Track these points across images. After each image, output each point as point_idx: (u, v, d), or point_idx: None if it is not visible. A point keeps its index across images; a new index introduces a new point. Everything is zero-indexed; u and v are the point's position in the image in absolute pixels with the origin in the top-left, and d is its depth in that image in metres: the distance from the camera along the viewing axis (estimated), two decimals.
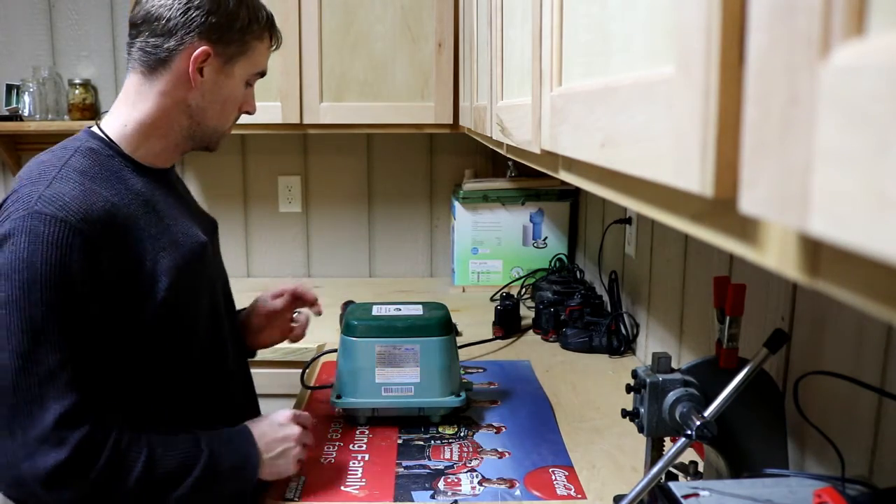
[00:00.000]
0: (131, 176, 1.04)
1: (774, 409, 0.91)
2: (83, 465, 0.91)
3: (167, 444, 0.98)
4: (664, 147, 0.41)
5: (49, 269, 0.89)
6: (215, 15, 1.04)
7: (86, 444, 0.90)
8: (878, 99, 0.23)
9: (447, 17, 2.05)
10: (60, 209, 0.91)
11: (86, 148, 1.03)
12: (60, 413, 0.89)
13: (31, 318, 0.89)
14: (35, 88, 2.40)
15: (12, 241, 0.90)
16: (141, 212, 1.02)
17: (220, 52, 1.06)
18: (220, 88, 1.08)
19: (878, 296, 0.26)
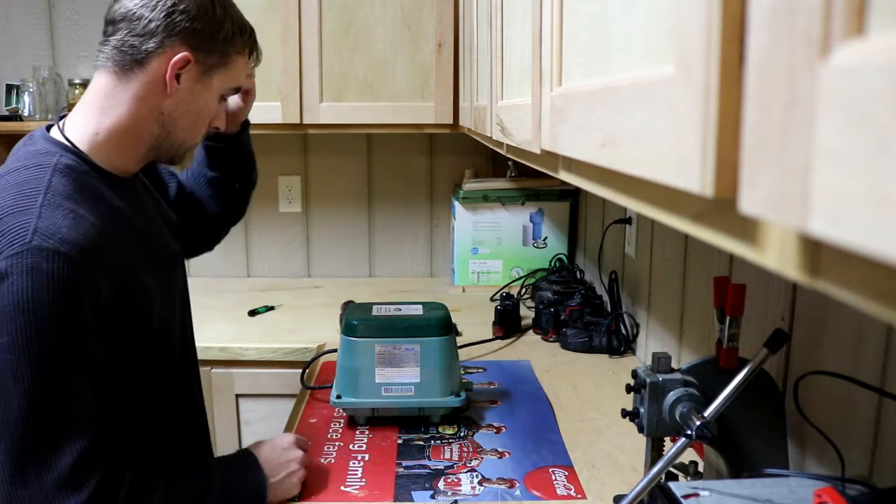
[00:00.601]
0: (107, 191, 0.98)
1: (774, 409, 0.92)
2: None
3: (181, 479, 0.97)
4: (664, 147, 0.41)
5: (58, 310, 0.84)
6: (200, 22, 0.99)
7: (104, 486, 0.87)
8: (878, 99, 0.23)
9: (447, 17, 2.05)
10: (61, 243, 0.85)
11: (63, 165, 0.94)
12: (77, 456, 0.85)
13: (39, 361, 0.84)
14: (35, 88, 2.40)
15: (12, 281, 0.83)
16: (122, 230, 0.98)
17: (201, 61, 1.00)
18: (196, 98, 1.02)
19: (878, 296, 0.26)
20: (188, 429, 1.16)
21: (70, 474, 0.85)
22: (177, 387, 1.12)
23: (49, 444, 0.84)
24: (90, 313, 0.88)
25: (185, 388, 1.15)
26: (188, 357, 1.17)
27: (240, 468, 1.04)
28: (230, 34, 1.03)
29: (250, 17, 1.12)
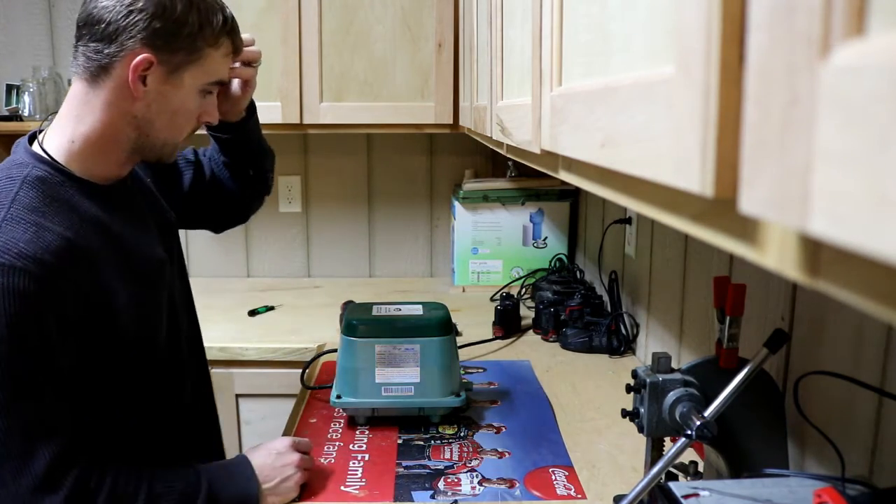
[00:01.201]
0: (83, 201, 0.96)
1: (774, 409, 0.92)
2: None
3: (166, 482, 0.97)
4: (664, 147, 0.41)
5: (14, 323, 0.84)
6: (160, 20, 0.94)
7: (81, 486, 0.89)
8: (878, 99, 0.23)
9: (447, 17, 2.05)
10: (17, 258, 0.85)
11: (33, 177, 0.93)
12: (50, 458, 0.87)
13: (2, 374, 0.85)
14: (35, 88, 2.40)
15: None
16: (97, 241, 0.96)
17: (165, 60, 0.96)
18: (168, 99, 0.98)
19: (878, 296, 0.26)
20: (182, 432, 1.14)
21: (44, 478, 0.86)
22: (164, 391, 1.09)
23: (21, 451, 0.86)
24: (53, 325, 0.88)
25: (173, 393, 1.12)
26: (178, 360, 1.13)
27: (230, 473, 1.04)
28: (196, 28, 0.97)
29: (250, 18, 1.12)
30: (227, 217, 1.39)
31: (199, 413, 1.23)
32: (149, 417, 1.07)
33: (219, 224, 1.40)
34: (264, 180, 1.37)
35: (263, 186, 1.38)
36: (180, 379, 1.14)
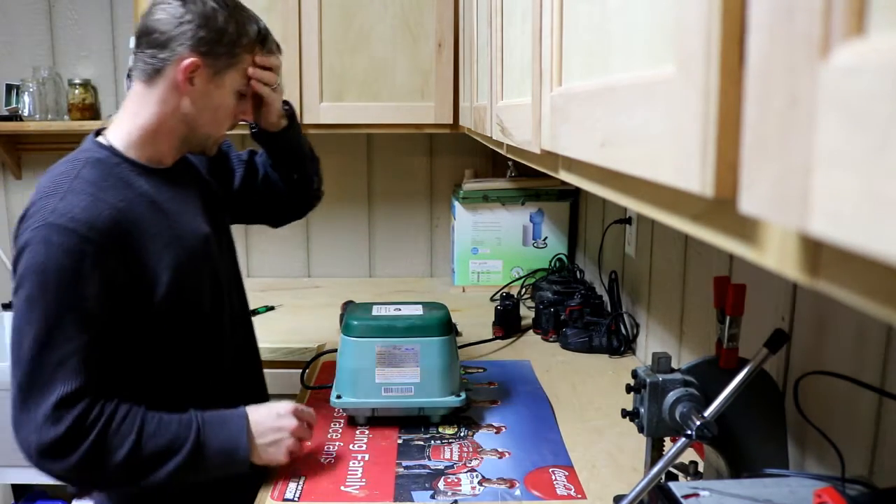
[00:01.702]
0: (137, 179, 1.13)
1: (774, 409, 0.92)
2: (73, 443, 1.01)
3: (160, 425, 1.06)
4: (664, 147, 0.41)
5: (60, 274, 1.00)
6: (204, 29, 1.10)
7: (79, 422, 1.01)
8: (878, 99, 0.23)
9: (447, 17, 2.05)
10: (71, 221, 1.01)
11: (94, 159, 1.11)
12: (61, 396, 1.00)
13: (46, 314, 1.00)
14: (35, 88, 2.40)
15: (30, 249, 1.01)
16: (147, 212, 1.11)
17: (210, 64, 1.12)
18: (211, 97, 1.14)
19: (878, 296, 0.26)
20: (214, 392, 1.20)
21: (53, 410, 1.00)
22: (203, 359, 1.20)
23: (44, 383, 1.00)
24: (97, 282, 1.02)
25: (212, 362, 1.22)
26: (219, 331, 1.23)
27: (224, 422, 1.10)
28: (235, 37, 1.13)
29: None
30: (281, 214, 1.53)
31: (242, 385, 1.30)
32: (185, 382, 1.17)
33: (275, 220, 1.55)
34: (309, 183, 1.48)
35: (309, 189, 1.49)
36: (219, 349, 1.23)
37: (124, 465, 1.03)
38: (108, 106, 2.51)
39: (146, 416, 1.06)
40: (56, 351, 1.01)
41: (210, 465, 1.07)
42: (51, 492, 2.49)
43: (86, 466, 1.02)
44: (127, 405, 1.05)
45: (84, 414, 1.01)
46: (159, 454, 1.05)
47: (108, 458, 1.02)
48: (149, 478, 1.05)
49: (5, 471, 2.23)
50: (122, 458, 1.02)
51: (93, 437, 1.01)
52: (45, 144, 2.50)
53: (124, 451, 1.03)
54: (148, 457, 1.04)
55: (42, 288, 1.00)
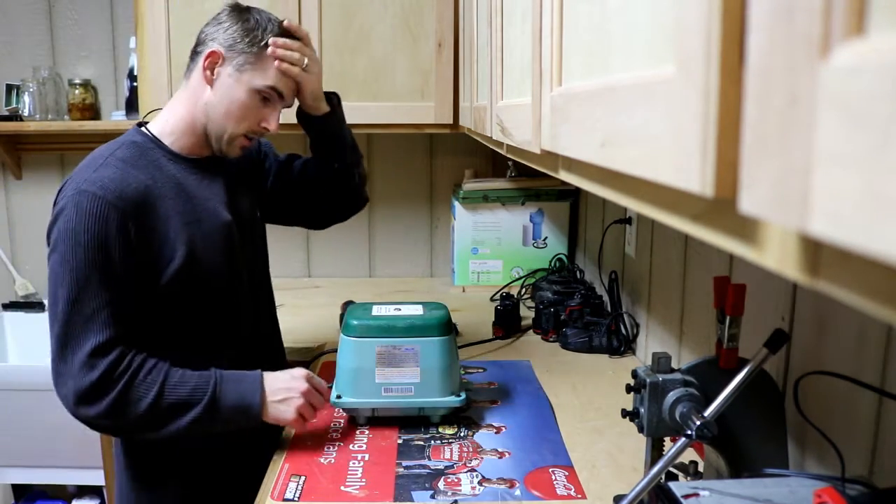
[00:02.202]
0: (167, 163, 1.24)
1: (774, 409, 0.91)
2: (105, 388, 1.11)
3: (181, 379, 1.15)
4: (664, 147, 0.41)
5: (90, 236, 1.11)
6: (230, 29, 1.23)
7: (110, 370, 1.11)
8: (878, 99, 0.23)
9: (447, 17, 2.05)
10: (100, 189, 1.13)
11: (130, 141, 1.24)
12: (95, 345, 1.11)
13: (77, 273, 1.11)
14: (35, 88, 2.40)
15: (64, 214, 1.13)
16: (172, 192, 1.21)
17: (231, 58, 1.22)
18: (229, 90, 1.23)
19: (878, 296, 0.26)
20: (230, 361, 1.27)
21: (88, 358, 1.11)
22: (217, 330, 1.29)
23: (79, 334, 1.11)
24: (118, 244, 1.12)
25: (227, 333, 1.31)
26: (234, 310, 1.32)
27: (240, 380, 1.18)
28: (258, 38, 1.23)
29: None
30: (322, 214, 1.59)
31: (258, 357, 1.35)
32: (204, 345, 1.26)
33: (316, 220, 1.64)
34: (350, 177, 1.50)
35: (350, 183, 1.50)
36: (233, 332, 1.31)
37: (147, 413, 1.12)
38: (108, 106, 2.51)
39: (170, 370, 1.15)
40: (86, 306, 1.11)
41: (224, 419, 1.16)
42: (51, 492, 2.49)
43: (114, 412, 1.12)
44: (154, 360, 1.15)
45: (115, 363, 1.11)
46: (179, 405, 1.14)
47: (134, 405, 1.12)
48: (169, 427, 1.14)
49: (5, 471, 2.23)
50: (145, 406, 1.12)
51: (121, 385, 1.11)
52: (45, 144, 2.50)
53: (148, 400, 1.12)
54: (168, 407, 1.13)
55: (73, 249, 1.11)
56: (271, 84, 1.25)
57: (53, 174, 2.55)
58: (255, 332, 1.38)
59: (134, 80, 2.31)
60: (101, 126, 2.37)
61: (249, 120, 1.25)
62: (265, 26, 1.25)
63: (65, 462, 2.16)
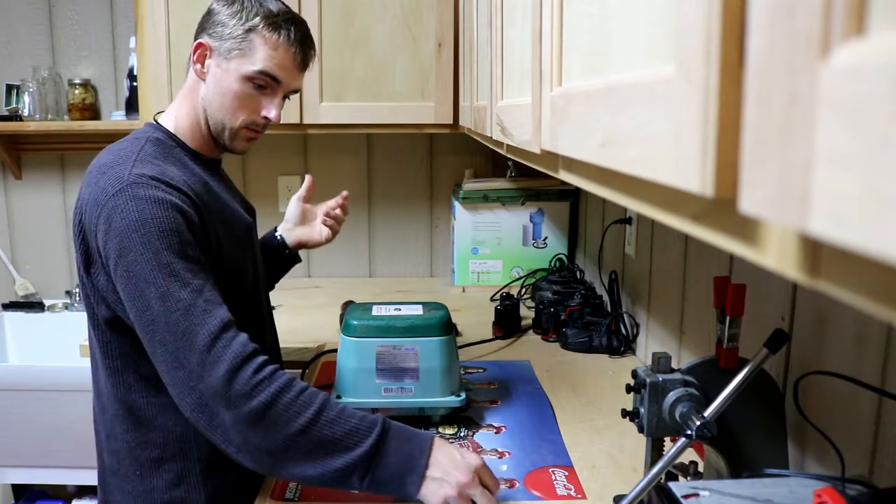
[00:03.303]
0: (190, 162, 1.19)
1: (774, 409, 0.92)
2: (243, 379, 0.94)
3: (341, 413, 0.97)
4: (664, 147, 0.41)
5: (158, 220, 1.01)
6: (218, 14, 1.16)
7: (241, 363, 0.96)
8: (878, 99, 0.23)
9: (447, 17, 2.05)
10: (150, 179, 1.05)
11: (154, 138, 1.17)
12: (210, 334, 0.97)
13: (158, 263, 1.00)
14: (35, 88, 2.40)
15: (120, 210, 1.02)
16: (203, 190, 1.15)
17: (216, 47, 1.16)
18: (219, 81, 1.16)
19: (878, 296, 0.26)
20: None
21: (208, 350, 0.96)
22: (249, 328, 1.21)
23: (186, 331, 0.97)
24: (186, 226, 1.04)
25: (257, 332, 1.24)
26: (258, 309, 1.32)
27: (410, 438, 0.99)
28: (242, 20, 1.15)
29: None
30: None
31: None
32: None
33: None
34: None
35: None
36: (261, 333, 1.30)
37: (291, 442, 0.93)
38: (108, 106, 2.51)
39: (328, 399, 0.98)
40: (180, 297, 0.98)
41: (378, 477, 0.95)
42: (51, 492, 2.50)
43: (256, 420, 0.93)
44: (304, 383, 0.99)
45: (251, 356, 0.97)
46: (331, 444, 0.94)
47: (278, 425, 0.93)
48: (307, 467, 0.94)
49: (5, 471, 2.23)
50: (292, 431, 0.93)
51: (266, 394, 0.94)
52: (45, 144, 2.50)
53: (297, 425, 0.93)
54: (318, 442, 0.94)
55: (145, 241, 1.00)
56: (260, 69, 1.15)
57: (53, 174, 2.55)
58: (272, 336, 1.39)
59: (134, 80, 2.31)
60: (101, 126, 2.37)
61: (247, 111, 1.18)
62: (250, 8, 1.16)
63: (65, 462, 2.16)
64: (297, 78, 1.21)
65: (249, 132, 1.21)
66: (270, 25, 1.15)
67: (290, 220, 1.56)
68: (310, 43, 1.21)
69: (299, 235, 1.55)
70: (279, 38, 1.16)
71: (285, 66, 1.17)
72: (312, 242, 1.56)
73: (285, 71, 1.18)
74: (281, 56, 1.16)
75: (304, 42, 1.19)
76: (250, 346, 0.99)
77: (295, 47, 1.18)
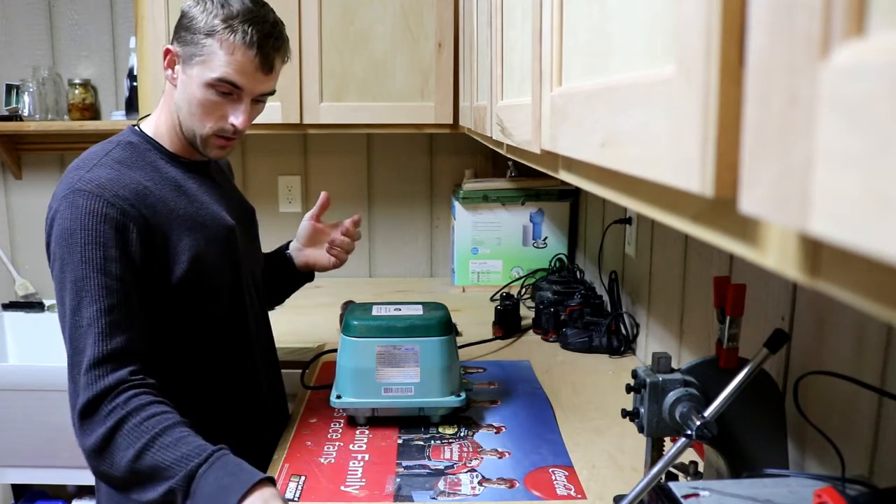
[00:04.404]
0: (165, 165, 1.18)
1: (774, 409, 0.91)
2: (99, 411, 0.99)
3: (178, 440, 0.98)
4: (664, 147, 0.41)
5: (86, 234, 1.04)
6: (184, 18, 1.14)
7: (106, 393, 1.00)
8: (878, 99, 0.23)
9: (447, 17, 2.05)
10: (97, 187, 1.06)
11: (126, 141, 1.18)
12: (93, 359, 1.01)
13: (75, 275, 1.03)
14: (35, 88, 2.40)
15: (60, 215, 1.06)
16: (173, 194, 1.15)
17: (182, 53, 1.14)
18: (186, 88, 1.15)
19: (878, 296, 0.26)
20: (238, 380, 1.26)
21: (86, 373, 1.01)
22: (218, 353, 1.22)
23: (82, 349, 1.02)
24: (116, 244, 1.05)
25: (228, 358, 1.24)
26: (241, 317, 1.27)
27: (235, 472, 0.97)
28: (201, 25, 1.11)
29: None
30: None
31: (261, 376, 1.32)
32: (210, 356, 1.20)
33: None
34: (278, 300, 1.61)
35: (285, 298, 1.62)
36: (242, 342, 1.27)
37: (129, 468, 0.97)
38: (108, 106, 2.51)
39: (173, 426, 0.99)
40: (85, 314, 1.03)
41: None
42: (51, 492, 2.49)
43: (100, 450, 0.99)
44: (164, 407, 1.01)
45: (113, 388, 1.00)
46: (156, 472, 0.97)
47: (120, 452, 0.98)
48: (143, 494, 0.98)
49: (5, 471, 2.23)
50: (129, 458, 0.97)
51: (114, 420, 0.98)
52: (45, 144, 2.50)
53: (133, 450, 0.97)
54: (147, 470, 0.97)
55: (70, 251, 1.04)
56: (218, 76, 1.10)
57: (53, 174, 2.55)
58: (259, 338, 1.34)
59: (134, 80, 2.31)
60: (101, 126, 2.37)
61: (213, 118, 1.14)
62: (212, 10, 1.10)
63: (65, 462, 2.16)
64: (262, 82, 1.14)
65: (220, 140, 1.17)
66: (227, 28, 1.09)
67: (300, 238, 1.52)
68: (274, 43, 1.13)
69: (308, 256, 1.53)
70: (236, 41, 1.09)
71: (245, 71, 1.11)
72: (320, 266, 1.54)
73: (245, 76, 1.11)
74: (239, 61, 1.10)
75: (264, 43, 1.11)
76: (125, 381, 1.01)
77: (253, 50, 1.10)
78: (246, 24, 1.10)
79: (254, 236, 1.39)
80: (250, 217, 1.37)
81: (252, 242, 1.37)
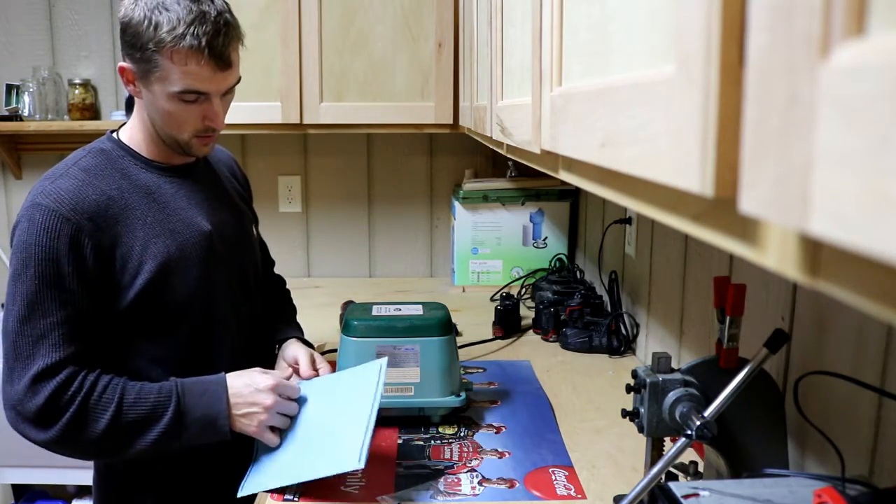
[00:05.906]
0: (139, 171, 1.18)
1: (774, 409, 0.92)
2: (53, 414, 1.05)
3: (140, 394, 1.09)
4: (664, 147, 0.41)
5: (40, 250, 1.06)
6: (124, 34, 1.10)
7: (58, 394, 1.05)
8: (878, 99, 0.23)
9: (447, 17, 2.05)
10: (55, 201, 1.08)
11: (98, 149, 1.18)
12: (40, 368, 1.05)
13: (26, 289, 1.06)
14: (35, 88, 2.40)
15: (19, 228, 1.09)
16: (142, 202, 1.15)
17: (135, 70, 1.12)
18: (152, 102, 1.14)
19: (878, 296, 0.26)
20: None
21: (32, 383, 1.05)
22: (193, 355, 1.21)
23: (26, 357, 1.06)
24: (70, 260, 1.07)
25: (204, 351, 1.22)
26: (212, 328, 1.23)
27: (204, 390, 1.12)
28: (146, 41, 1.07)
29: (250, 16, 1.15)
30: None
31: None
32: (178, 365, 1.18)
33: None
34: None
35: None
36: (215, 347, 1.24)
37: (106, 435, 1.07)
38: (108, 106, 2.51)
39: (126, 386, 1.09)
40: (36, 325, 1.06)
41: (191, 434, 1.10)
42: (51, 492, 2.49)
43: (67, 437, 1.06)
44: (108, 376, 1.09)
45: (63, 386, 1.06)
46: (140, 423, 1.08)
47: (89, 428, 1.06)
48: (132, 447, 1.08)
49: (5, 471, 2.23)
50: (102, 427, 1.06)
51: (73, 408, 1.05)
52: (45, 144, 2.50)
53: (105, 421, 1.06)
54: (128, 426, 1.07)
55: (24, 264, 1.07)
56: (180, 89, 1.09)
57: None
58: (238, 348, 1.28)
59: None
60: (100, 126, 2.37)
61: (188, 124, 1.14)
62: (151, 21, 1.06)
63: (65, 462, 2.15)
64: (224, 79, 1.13)
65: (202, 139, 1.18)
66: (172, 41, 1.06)
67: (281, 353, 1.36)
68: (223, 40, 1.09)
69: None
70: (184, 51, 1.06)
71: (203, 76, 1.09)
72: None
73: (205, 81, 1.10)
74: (194, 70, 1.08)
75: (213, 44, 1.08)
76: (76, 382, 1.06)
77: (205, 52, 1.07)
78: (189, 28, 1.06)
79: (242, 239, 1.33)
80: (239, 220, 1.32)
81: (239, 245, 1.31)
